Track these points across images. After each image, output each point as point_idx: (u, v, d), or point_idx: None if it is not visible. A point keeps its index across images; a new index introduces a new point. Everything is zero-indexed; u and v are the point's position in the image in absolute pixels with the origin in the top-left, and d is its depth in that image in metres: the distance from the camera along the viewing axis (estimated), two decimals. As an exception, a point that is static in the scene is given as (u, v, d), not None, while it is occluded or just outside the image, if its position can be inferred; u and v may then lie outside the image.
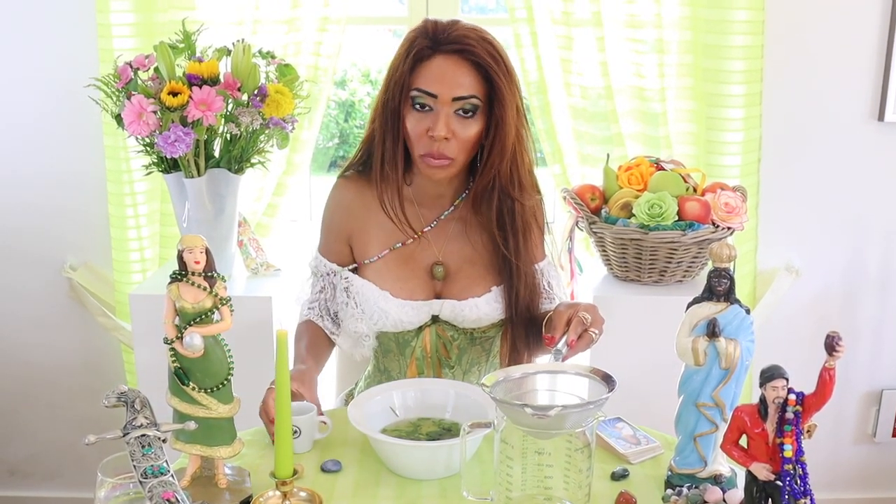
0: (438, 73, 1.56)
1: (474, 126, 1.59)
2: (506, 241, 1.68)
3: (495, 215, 1.68)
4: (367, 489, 1.34)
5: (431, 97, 1.56)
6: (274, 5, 2.30)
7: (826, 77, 2.44)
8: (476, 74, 1.57)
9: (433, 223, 1.72)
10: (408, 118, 1.60)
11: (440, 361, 1.72)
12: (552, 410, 1.13)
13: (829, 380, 1.05)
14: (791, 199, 2.52)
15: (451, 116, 1.57)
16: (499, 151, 1.61)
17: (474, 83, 1.57)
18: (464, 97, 1.56)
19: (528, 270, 1.71)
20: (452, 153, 1.59)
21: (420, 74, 1.57)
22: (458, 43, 1.56)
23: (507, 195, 1.67)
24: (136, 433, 1.05)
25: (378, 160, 1.66)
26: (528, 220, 1.71)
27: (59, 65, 2.40)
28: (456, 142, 1.58)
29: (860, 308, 2.64)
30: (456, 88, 1.56)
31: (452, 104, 1.56)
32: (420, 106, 1.58)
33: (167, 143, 1.81)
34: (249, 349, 1.80)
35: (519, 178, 1.67)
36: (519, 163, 1.66)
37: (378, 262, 1.71)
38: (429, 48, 1.57)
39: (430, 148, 1.58)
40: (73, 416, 2.68)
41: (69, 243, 2.54)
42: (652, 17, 2.29)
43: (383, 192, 1.67)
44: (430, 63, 1.57)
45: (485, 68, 1.56)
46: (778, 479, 1.08)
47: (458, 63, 1.56)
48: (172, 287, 1.23)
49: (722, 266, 1.24)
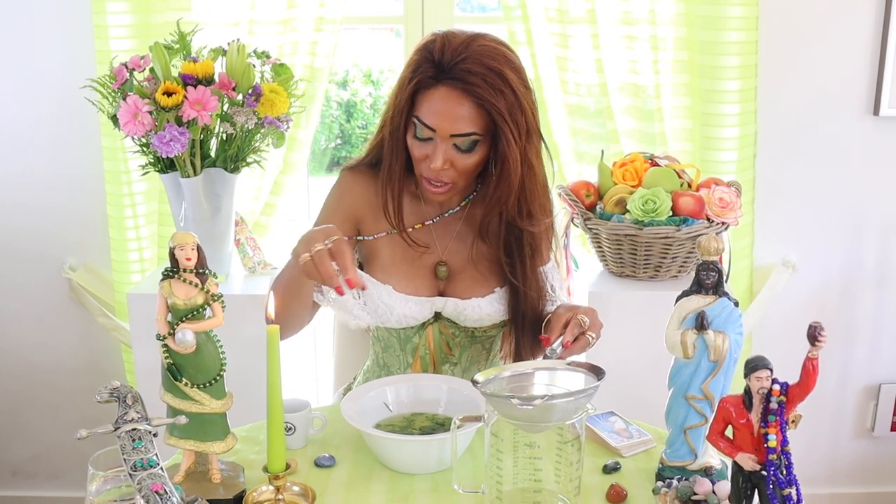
0: (439, 108, 1.51)
1: (474, 157, 1.56)
2: (513, 269, 1.65)
3: (503, 244, 1.66)
4: (360, 484, 1.35)
5: (430, 130, 1.53)
6: (269, 6, 2.31)
7: (821, 72, 2.44)
8: (479, 109, 1.50)
9: (436, 218, 1.71)
10: (409, 140, 1.58)
11: (443, 358, 1.71)
12: (537, 400, 1.14)
13: (812, 370, 1.06)
14: (787, 195, 2.53)
15: (449, 150, 1.54)
16: (505, 189, 1.57)
17: (476, 119, 1.51)
18: (462, 134, 1.52)
19: (535, 275, 1.69)
20: (451, 179, 1.57)
21: (422, 105, 1.53)
22: (461, 80, 1.49)
23: (514, 226, 1.64)
24: (126, 427, 1.06)
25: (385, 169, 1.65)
26: (537, 244, 1.68)
27: (56, 66, 2.41)
28: (454, 170, 1.56)
29: (857, 303, 2.64)
30: (455, 124, 1.51)
31: (451, 139, 1.53)
32: (420, 134, 1.55)
33: (162, 142, 1.82)
34: (246, 346, 1.81)
35: (528, 210, 1.62)
36: (528, 195, 1.61)
37: (383, 256, 1.68)
38: (432, 77, 1.51)
39: (429, 174, 1.57)
40: (74, 416, 2.70)
41: (68, 244, 2.56)
42: (646, 14, 2.30)
43: (387, 201, 1.66)
44: (432, 93, 1.51)
45: (486, 108, 1.50)
46: (763, 469, 1.09)
47: (461, 98, 1.50)
48: (164, 284, 1.24)
49: (710, 259, 1.25)
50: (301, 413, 1.44)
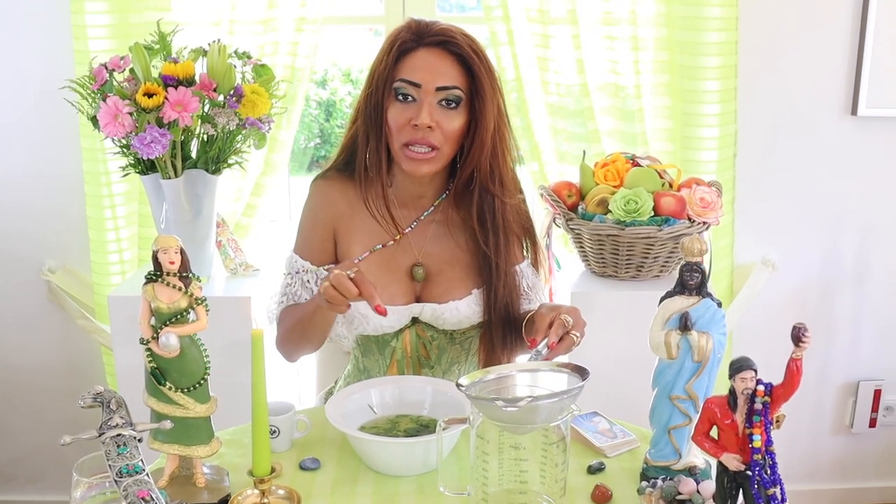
0: (423, 64, 1.59)
1: (457, 119, 1.60)
2: (486, 238, 1.69)
3: (476, 211, 1.69)
4: (345, 486, 1.35)
5: (415, 87, 1.58)
6: (250, 6, 2.30)
7: (799, 72, 2.46)
8: (459, 67, 1.60)
9: (413, 224, 1.72)
10: (390, 110, 1.61)
11: (420, 361, 1.72)
12: (522, 401, 1.14)
13: (796, 371, 1.07)
14: (767, 194, 2.55)
15: (434, 106, 1.59)
16: (479, 145, 1.63)
17: (457, 75, 1.60)
18: (447, 87, 1.59)
19: (509, 271, 1.71)
20: (437, 142, 1.60)
21: (404, 66, 1.60)
22: (441, 35, 1.60)
23: (487, 191, 1.68)
24: (111, 433, 1.05)
25: (361, 160, 1.68)
26: (509, 218, 1.72)
27: (34, 66, 2.39)
28: (440, 132, 1.60)
29: (837, 301, 2.66)
30: (439, 78, 1.59)
31: (436, 94, 1.58)
32: (403, 97, 1.60)
33: (143, 144, 1.81)
34: (229, 349, 1.81)
35: (500, 175, 1.68)
36: (500, 160, 1.67)
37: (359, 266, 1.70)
38: (412, 41, 1.61)
39: (413, 135, 1.59)
40: (54, 418, 2.67)
41: (47, 246, 2.53)
42: (627, 15, 2.31)
43: (367, 192, 1.68)
44: (414, 55, 1.61)
45: (467, 61, 1.60)
46: (748, 469, 1.10)
47: (442, 55, 1.60)
48: (148, 287, 1.23)
49: (693, 260, 1.26)
50: (285, 416, 1.44)
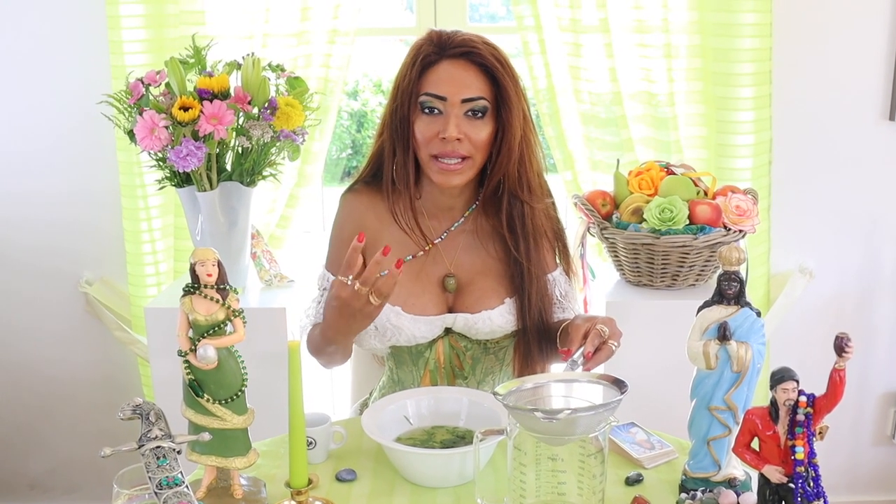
0: (446, 77, 1.59)
1: (485, 128, 1.60)
2: (517, 244, 1.69)
3: (505, 218, 1.69)
4: (381, 498, 1.34)
5: (441, 100, 1.58)
6: (283, 19, 2.32)
7: (835, 78, 2.44)
8: (483, 77, 1.60)
9: (444, 234, 1.72)
10: (417, 123, 1.61)
11: (454, 372, 1.72)
12: (562, 413, 1.14)
13: (839, 381, 1.05)
14: (803, 201, 2.52)
15: (460, 118, 1.59)
16: (506, 153, 1.63)
17: (482, 85, 1.60)
18: (473, 98, 1.58)
19: (541, 278, 1.71)
20: (467, 152, 1.60)
21: (428, 79, 1.60)
22: (463, 46, 1.60)
23: (515, 198, 1.68)
24: (150, 445, 1.06)
25: (388, 172, 1.68)
26: (539, 223, 1.71)
27: (72, 82, 2.43)
28: (469, 142, 1.60)
29: (875, 309, 2.62)
30: (464, 90, 1.58)
31: (462, 106, 1.58)
32: (429, 110, 1.60)
33: (179, 157, 1.83)
34: (263, 360, 1.81)
35: (528, 181, 1.68)
36: (528, 166, 1.67)
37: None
38: (435, 54, 1.61)
39: (442, 148, 1.59)
40: (91, 429, 2.70)
41: (85, 259, 2.57)
42: (659, 22, 2.30)
43: (395, 204, 1.68)
44: (437, 68, 1.60)
45: (491, 70, 1.59)
46: (790, 482, 1.08)
47: (465, 66, 1.60)
48: (185, 300, 1.24)
49: (731, 269, 1.24)
50: (322, 427, 1.44)
